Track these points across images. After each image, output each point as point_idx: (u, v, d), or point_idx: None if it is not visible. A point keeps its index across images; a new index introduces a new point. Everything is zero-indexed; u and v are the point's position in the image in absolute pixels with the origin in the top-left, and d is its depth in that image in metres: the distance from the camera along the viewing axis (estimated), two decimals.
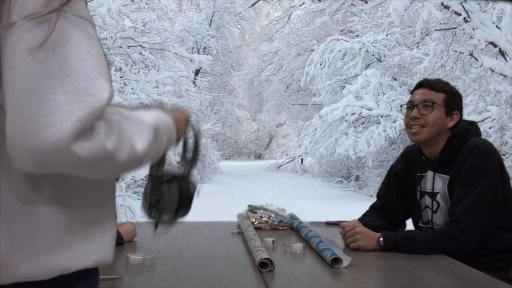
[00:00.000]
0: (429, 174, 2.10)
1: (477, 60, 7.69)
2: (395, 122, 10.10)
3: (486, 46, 7.42)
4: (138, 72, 9.07)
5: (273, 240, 1.92)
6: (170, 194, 1.03)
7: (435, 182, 2.08)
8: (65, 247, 0.82)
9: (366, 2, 13.50)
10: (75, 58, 0.75)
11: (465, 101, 4.28)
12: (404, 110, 2.16)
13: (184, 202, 1.04)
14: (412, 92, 2.15)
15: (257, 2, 21.73)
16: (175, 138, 0.97)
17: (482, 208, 1.91)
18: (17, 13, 0.74)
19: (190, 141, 1.09)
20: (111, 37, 8.66)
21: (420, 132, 2.05)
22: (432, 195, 2.08)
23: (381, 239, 1.88)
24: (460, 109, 2.10)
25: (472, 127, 2.08)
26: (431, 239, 1.89)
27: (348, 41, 11.83)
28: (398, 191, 2.21)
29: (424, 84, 2.11)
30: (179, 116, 1.00)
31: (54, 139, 0.71)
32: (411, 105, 2.10)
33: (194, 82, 13.99)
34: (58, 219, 0.82)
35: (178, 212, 1.04)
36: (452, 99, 2.08)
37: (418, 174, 2.14)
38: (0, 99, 0.77)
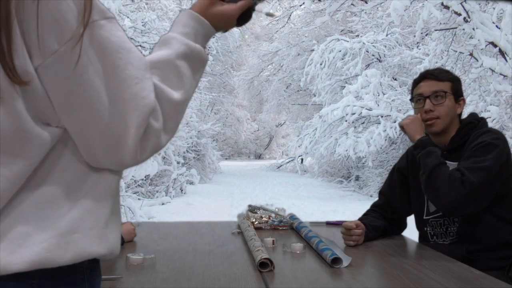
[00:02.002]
0: None
1: (477, 60, 7.70)
2: (395, 122, 10.09)
3: (486, 46, 7.42)
4: None
5: (273, 240, 1.92)
6: None
7: None
8: (85, 232, 0.80)
9: (366, 2, 13.50)
10: (122, 65, 0.75)
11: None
12: (413, 104, 2.14)
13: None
14: (415, 86, 2.13)
15: None
16: (212, 30, 0.95)
17: (487, 175, 1.86)
18: (57, 41, 0.71)
19: None
20: None
21: (436, 124, 2.05)
22: None
23: (423, 137, 2.01)
24: (462, 93, 2.13)
25: (482, 120, 2.10)
26: (444, 169, 1.89)
27: (348, 41, 11.83)
28: (401, 187, 2.20)
29: (428, 76, 2.10)
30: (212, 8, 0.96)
31: (127, 150, 0.77)
32: (420, 97, 2.09)
33: None
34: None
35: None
36: (457, 85, 2.10)
37: None
38: (57, 122, 0.76)
